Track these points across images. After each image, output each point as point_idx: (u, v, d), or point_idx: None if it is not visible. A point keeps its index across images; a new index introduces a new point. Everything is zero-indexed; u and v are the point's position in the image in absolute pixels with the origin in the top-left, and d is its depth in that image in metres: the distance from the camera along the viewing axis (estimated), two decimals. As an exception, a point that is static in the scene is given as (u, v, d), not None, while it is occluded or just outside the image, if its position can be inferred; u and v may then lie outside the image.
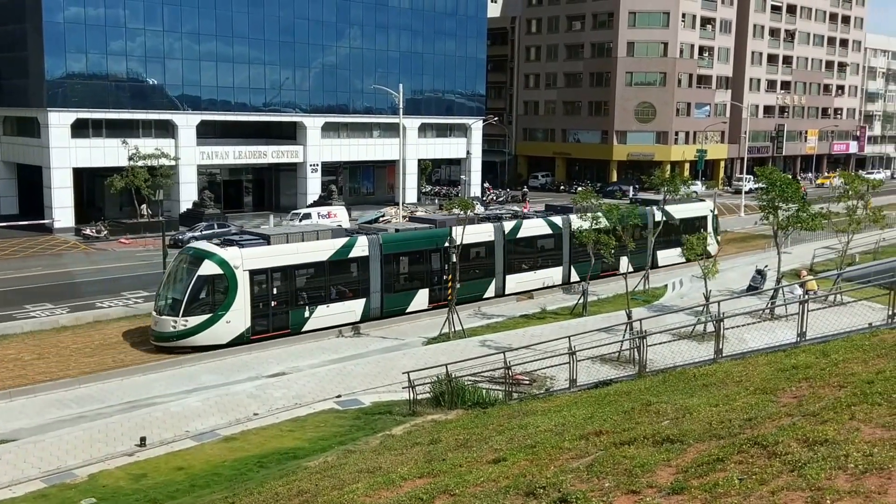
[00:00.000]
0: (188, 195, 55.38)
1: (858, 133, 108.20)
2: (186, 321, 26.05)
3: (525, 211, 46.16)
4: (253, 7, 57.03)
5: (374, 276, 29.68)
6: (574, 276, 35.99)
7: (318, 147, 61.63)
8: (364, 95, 62.87)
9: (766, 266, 33.60)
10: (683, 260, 35.46)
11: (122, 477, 16.76)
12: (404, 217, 50.08)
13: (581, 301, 31.80)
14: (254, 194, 63.65)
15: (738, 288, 33.37)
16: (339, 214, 53.21)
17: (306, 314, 28.22)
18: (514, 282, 34.60)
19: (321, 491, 12.01)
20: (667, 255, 40.11)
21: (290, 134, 61.79)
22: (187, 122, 54.88)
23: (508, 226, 34.47)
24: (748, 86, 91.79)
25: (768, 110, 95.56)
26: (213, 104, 56.22)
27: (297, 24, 59.49)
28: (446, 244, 31.31)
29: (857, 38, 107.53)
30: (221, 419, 20.38)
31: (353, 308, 29.38)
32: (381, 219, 57.81)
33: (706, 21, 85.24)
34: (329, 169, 63.88)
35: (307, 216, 51.97)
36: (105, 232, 48.93)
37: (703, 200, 46.34)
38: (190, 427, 19.82)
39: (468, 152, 71.48)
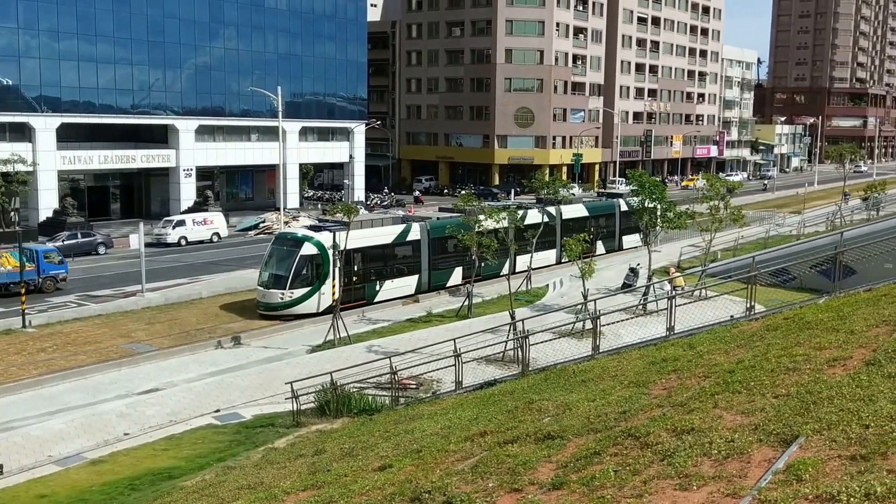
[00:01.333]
0: (48, 203, 52.05)
1: (718, 138, 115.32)
2: (292, 293, 31.00)
3: (411, 213, 46.55)
4: (118, 4, 54.32)
5: (423, 255, 34.88)
6: (564, 258, 39.89)
7: (192, 151, 59.43)
8: (241, 98, 61.17)
9: (639, 264, 35.13)
10: (642, 244, 40.34)
11: (-24, 509, 15.48)
12: (291, 221, 49.24)
13: (466, 303, 32.17)
14: (122, 201, 60.70)
15: (613, 286, 34.70)
16: (216, 221, 51.48)
17: (377, 287, 33.12)
18: (521, 262, 38.54)
19: (198, 510, 11.54)
20: (630, 240, 46.38)
21: (161, 137, 59.26)
22: (46, 125, 51.56)
23: (518, 215, 38.82)
24: (619, 93, 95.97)
25: (637, 116, 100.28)
26: (75, 106, 53.10)
27: (166, 23, 57.14)
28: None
29: (715, 50, 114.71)
30: (88, 441, 19.20)
31: (409, 283, 34.43)
32: (261, 225, 56.37)
33: (579, 30, 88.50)
34: (205, 174, 61.70)
35: (181, 223, 49.98)
36: (-46, 244, 45.16)
37: None
38: (53, 451, 18.55)
39: (351, 156, 70.94)
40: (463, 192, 56.68)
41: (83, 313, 31.87)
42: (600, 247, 44.72)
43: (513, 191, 74.61)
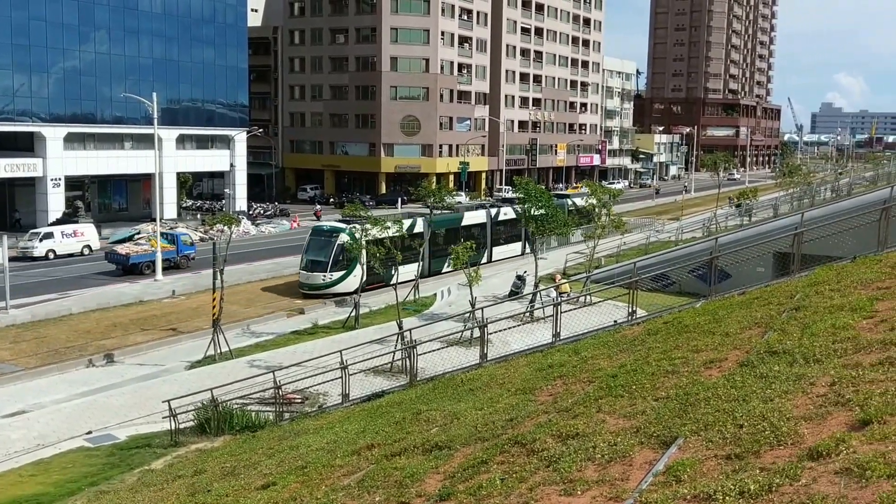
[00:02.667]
0: None
1: (600, 147, 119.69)
2: (332, 275, 36.70)
3: (295, 226, 46.26)
4: (-23, 4, 50.60)
5: (425, 245, 38.25)
6: (527, 249, 46.96)
7: (61, 160, 56.01)
8: (114, 104, 58.17)
9: (526, 271, 35.81)
10: (583, 238, 44.60)
11: None
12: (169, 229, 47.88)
13: (353, 314, 31.76)
14: (-17, 213, 56.44)
15: (501, 293, 35.19)
16: (87, 233, 48.78)
17: (392, 272, 35.51)
18: (496, 252, 45.10)
19: (63, 544, 10.72)
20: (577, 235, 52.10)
21: (27, 145, 55.54)
22: None
23: (493, 212, 46.30)
24: (504, 102, 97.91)
25: (522, 125, 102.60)
26: (-72, 111, 49.05)
27: (32, 25, 53.66)
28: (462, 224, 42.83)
29: (597, 61, 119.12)
30: (-57, 472, 17.62)
31: (414, 269, 37.68)
32: (136, 237, 53.85)
33: (464, 39, 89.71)
34: (74, 184, 58.30)
35: (48, 236, 47.05)
36: None
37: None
38: None
39: (232, 165, 68.85)
40: (354, 202, 56.26)
41: (-64, 334, 29.35)
42: (553, 241, 49.59)
43: (399, 199, 74.61)
